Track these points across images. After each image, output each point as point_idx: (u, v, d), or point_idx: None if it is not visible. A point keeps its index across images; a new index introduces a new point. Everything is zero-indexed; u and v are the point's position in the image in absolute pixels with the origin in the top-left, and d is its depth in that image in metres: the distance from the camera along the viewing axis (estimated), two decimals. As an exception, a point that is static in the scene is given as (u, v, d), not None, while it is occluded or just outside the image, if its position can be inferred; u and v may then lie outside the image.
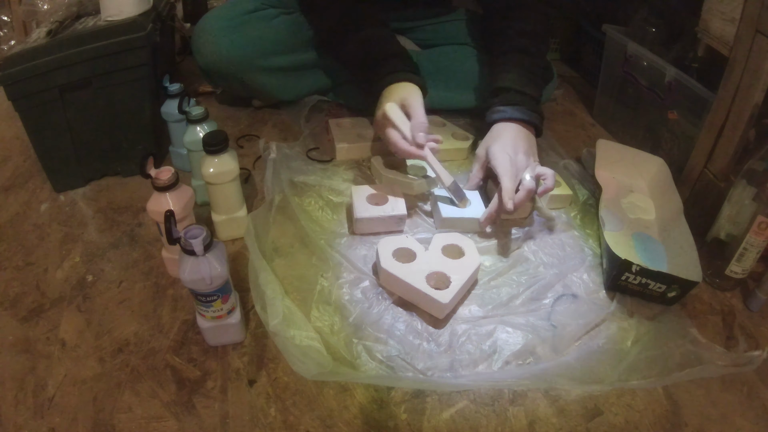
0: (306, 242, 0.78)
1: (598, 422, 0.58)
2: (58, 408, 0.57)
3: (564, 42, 1.54)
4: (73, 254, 0.77)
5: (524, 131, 0.84)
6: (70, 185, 0.90)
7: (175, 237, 0.56)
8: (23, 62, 0.77)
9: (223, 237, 0.80)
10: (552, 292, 0.73)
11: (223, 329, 0.62)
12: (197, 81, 1.22)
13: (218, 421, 0.56)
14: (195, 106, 0.80)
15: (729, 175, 0.80)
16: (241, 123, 1.12)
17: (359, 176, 0.94)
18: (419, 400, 0.59)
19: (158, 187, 0.64)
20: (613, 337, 0.67)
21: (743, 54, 0.74)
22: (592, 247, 0.82)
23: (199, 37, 0.98)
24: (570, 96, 1.36)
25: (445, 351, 0.64)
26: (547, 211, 0.87)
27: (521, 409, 0.59)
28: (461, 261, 0.72)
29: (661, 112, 1.01)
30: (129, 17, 0.86)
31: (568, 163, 1.00)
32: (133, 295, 0.70)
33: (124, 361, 0.62)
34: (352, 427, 0.56)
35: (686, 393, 0.62)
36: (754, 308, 0.74)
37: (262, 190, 0.90)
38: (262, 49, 0.99)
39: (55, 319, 0.67)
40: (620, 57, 1.09)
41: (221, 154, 0.72)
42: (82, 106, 0.85)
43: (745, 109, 0.75)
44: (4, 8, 1.34)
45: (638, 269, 0.69)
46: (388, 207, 0.81)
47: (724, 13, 0.81)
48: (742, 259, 0.73)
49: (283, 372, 0.61)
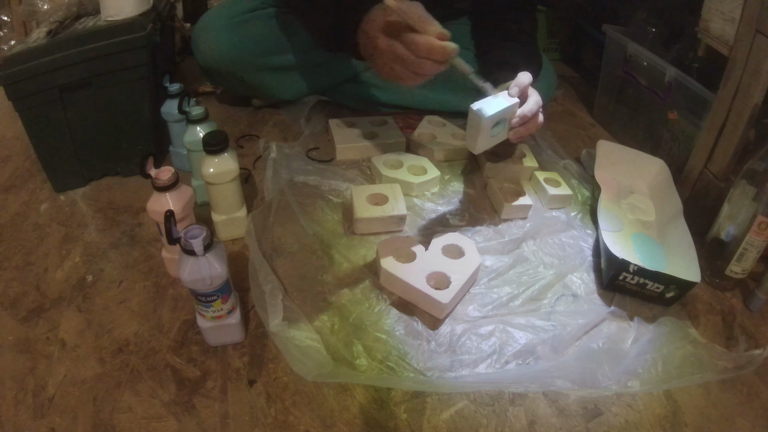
0: (306, 242, 0.78)
1: (598, 422, 0.58)
2: (58, 408, 0.57)
3: (564, 42, 1.54)
4: (73, 254, 0.77)
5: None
6: (70, 185, 0.90)
7: (175, 237, 0.56)
8: (23, 62, 0.77)
9: (223, 237, 0.80)
10: (552, 292, 0.73)
11: (223, 329, 0.62)
12: (197, 81, 1.22)
13: (218, 421, 0.56)
14: (195, 106, 0.80)
15: (729, 175, 0.80)
16: (241, 123, 1.12)
17: (359, 176, 0.94)
18: (419, 400, 0.59)
19: (158, 187, 0.64)
20: (613, 337, 0.67)
21: (743, 54, 0.74)
22: (592, 247, 0.82)
23: (199, 36, 0.98)
24: (570, 96, 1.36)
25: (445, 351, 0.64)
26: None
27: (521, 409, 0.59)
28: (461, 261, 0.72)
29: (661, 112, 1.01)
30: (129, 17, 0.86)
31: (568, 163, 1.00)
32: (133, 295, 0.70)
33: (124, 361, 0.62)
34: (352, 427, 0.56)
35: (686, 393, 0.62)
36: (754, 308, 0.74)
37: (262, 190, 0.90)
38: (262, 47, 0.99)
39: (55, 319, 0.67)
40: (620, 57, 1.09)
41: (221, 154, 0.72)
42: (82, 106, 0.85)
43: (745, 109, 0.75)
44: (4, 8, 1.34)
45: (636, 269, 0.69)
46: (388, 207, 0.81)
47: (724, 13, 0.81)
48: (742, 259, 0.73)
49: (283, 372, 0.61)
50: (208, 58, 0.98)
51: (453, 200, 0.90)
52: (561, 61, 1.55)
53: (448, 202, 0.89)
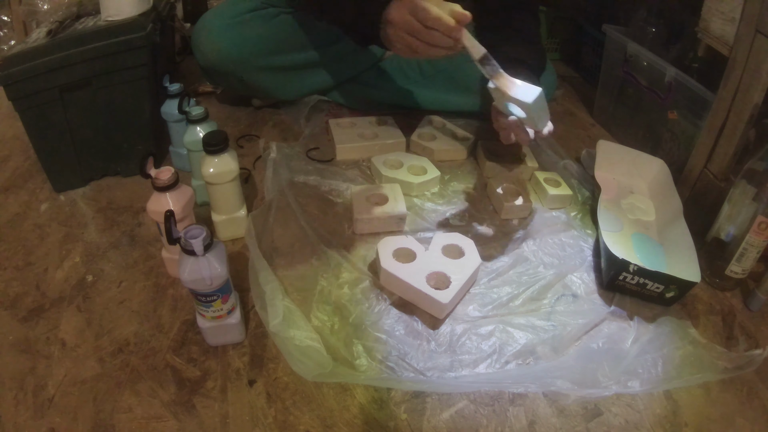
0: (306, 242, 0.78)
1: (598, 422, 0.58)
2: (58, 408, 0.57)
3: (564, 42, 1.54)
4: (73, 254, 0.77)
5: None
6: (70, 185, 0.90)
7: (175, 237, 0.56)
8: (23, 62, 0.77)
9: (223, 237, 0.80)
10: (552, 292, 0.73)
11: (223, 329, 0.62)
12: (197, 81, 1.22)
13: (218, 421, 0.56)
14: (195, 106, 0.80)
15: (729, 175, 0.80)
16: (241, 123, 1.12)
17: (359, 176, 0.94)
18: (419, 400, 0.59)
19: (158, 187, 0.64)
20: (613, 337, 0.67)
21: (743, 54, 0.74)
22: (592, 247, 0.82)
23: (199, 35, 0.98)
24: (570, 96, 1.36)
25: (445, 351, 0.64)
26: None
27: (521, 409, 0.59)
28: (461, 261, 0.72)
29: (661, 112, 1.01)
30: (129, 17, 0.86)
31: (568, 163, 1.00)
32: (133, 295, 0.70)
33: (124, 361, 0.62)
34: (352, 427, 0.56)
35: (686, 393, 0.62)
36: (754, 308, 0.74)
37: (262, 190, 0.90)
38: (262, 47, 0.99)
39: (55, 319, 0.67)
40: (620, 57, 1.09)
41: (221, 154, 0.72)
42: (82, 106, 0.85)
43: (745, 109, 0.75)
44: (4, 8, 1.34)
45: (636, 269, 0.69)
46: (388, 207, 0.81)
47: (724, 13, 0.81)
48: (742, 259, 0.73)
49: (283, 372, 0.61)
50: (208, 57, 0.98)
51: (453, 200, 0.90)
52: (561, 61, 1.55)
53: (448, 202, 0.89)
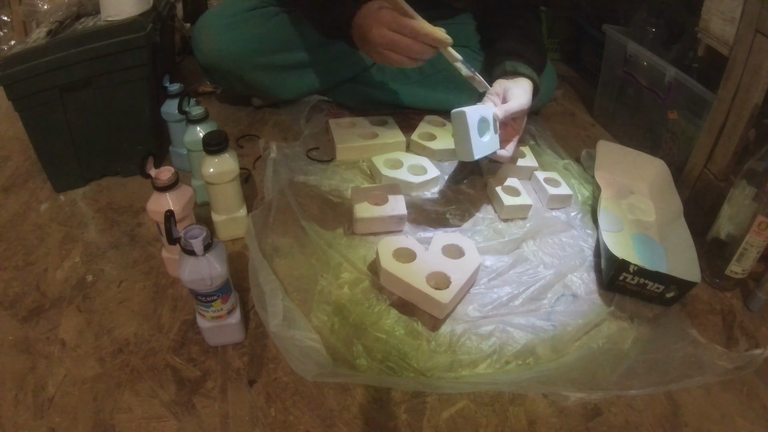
0: (306, 242, 0.78)
1: (598, 422, 0.58)
2: (58, 408, 0.57)
3: (564, 42, 1.54)
4: (73, 254, 0.77)
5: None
6: (70, 185, 0.90)
7: (175, 237, 0.56)
8: (23, 62, 0.77)
9: (223, 237, 0.80)
10: (552, 292, 0.73)
11: (223, 329, 0.62)
12: (197, 81, 1.22)
13: (218, 421, 0.56)
14: (195, 106, 0.80)
15: (729, 175, 0.80)
16: (241, 123, 1.12)
17: (359, 176, 0.94)
18: (419, 400, 0.59)
19: (158, 187, 0.64)
20: (613, 338, 0.67)
21: (743, 54, 0.74)
22: (592, 247, 0.82)
23: (199, 34, 0.98)
24: (570, 96, 1.36)
25: (445, 351, 0.64)
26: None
27: (521, 409, 0.59)
28: (461, 261, 0.72)
29: (661, 112, 1.01)
30: (129, 17, 0.86)
31: (568, 163, 1.00)
32: (133, 295, 0.70)
33: (124, 361, 0.62)
34: (352, 427, 0.56)
35: (686, 393, 0.62)
36: (754, 308, 0.74)
37: (262, 190, 0.90)
38: (262, 46, 0.99)
39: (55, 319, 0.67)
40: (620, 57, 1.09)
41: (221, 154, 0.72)
42: (82, 106, 0.85)
43: (745, 109, 0.75)
44: (4, 8, 1.34)
45: (636, 269, 0.69)
46: (388, 207, 0.81)
47: (724, 13, 0.81)
48: (742, 259, 0.73)
49: (283, 372, 0.61)
50: (209, 57, 0.98)
51: (453, 200, 0.90)
52: (561, 61, 1.54)
53: (448, 202, 0.89)
